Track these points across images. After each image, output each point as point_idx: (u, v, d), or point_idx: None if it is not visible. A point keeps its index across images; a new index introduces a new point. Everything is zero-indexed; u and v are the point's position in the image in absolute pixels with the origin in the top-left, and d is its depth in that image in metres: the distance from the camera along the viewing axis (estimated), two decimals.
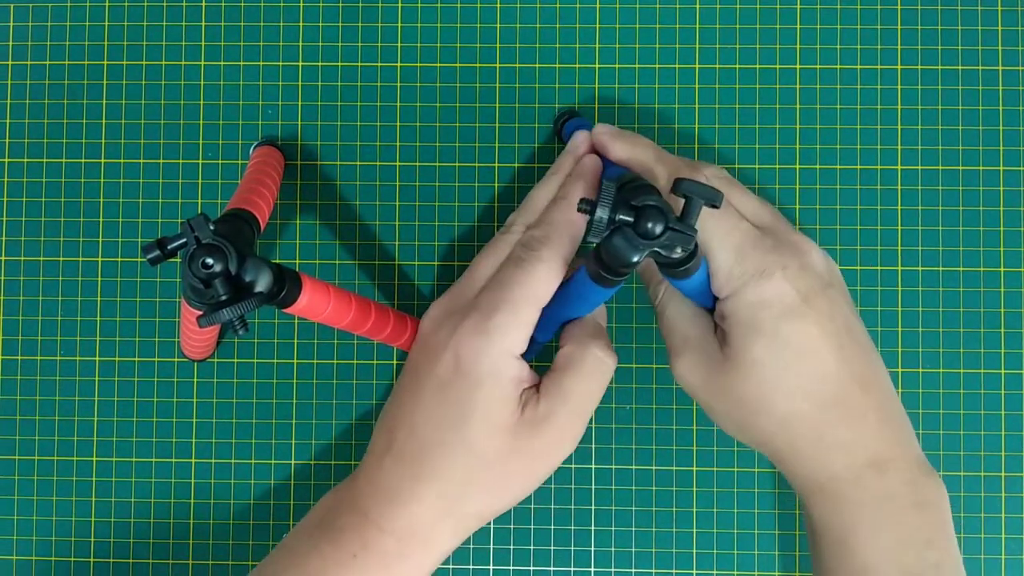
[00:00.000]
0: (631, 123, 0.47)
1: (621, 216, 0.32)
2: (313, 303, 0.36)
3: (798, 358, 0.35)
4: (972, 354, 0.46)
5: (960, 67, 0.47)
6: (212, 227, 0.32)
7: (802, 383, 0.35)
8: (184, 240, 0.32)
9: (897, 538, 0.35)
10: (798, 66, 0.47)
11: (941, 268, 0.46)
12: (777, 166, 0.46)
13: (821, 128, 0.47)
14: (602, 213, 0.32)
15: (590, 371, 0.37)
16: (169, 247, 0.32)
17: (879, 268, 0.46)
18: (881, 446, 0.35)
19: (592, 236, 0.33)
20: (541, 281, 0.37)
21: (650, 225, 0.32)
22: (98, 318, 0.47)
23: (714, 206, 0.32)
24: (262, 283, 0.33)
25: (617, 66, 0.47)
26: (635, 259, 0.33)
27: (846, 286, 0.38)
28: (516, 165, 0.47)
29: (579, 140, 0.42)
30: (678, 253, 0.33)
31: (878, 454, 0.35)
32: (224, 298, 0.32)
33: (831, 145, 0.47)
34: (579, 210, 0.32)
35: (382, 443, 0.38)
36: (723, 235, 0.36)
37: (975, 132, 0.46)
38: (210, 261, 0.32)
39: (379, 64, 0.47)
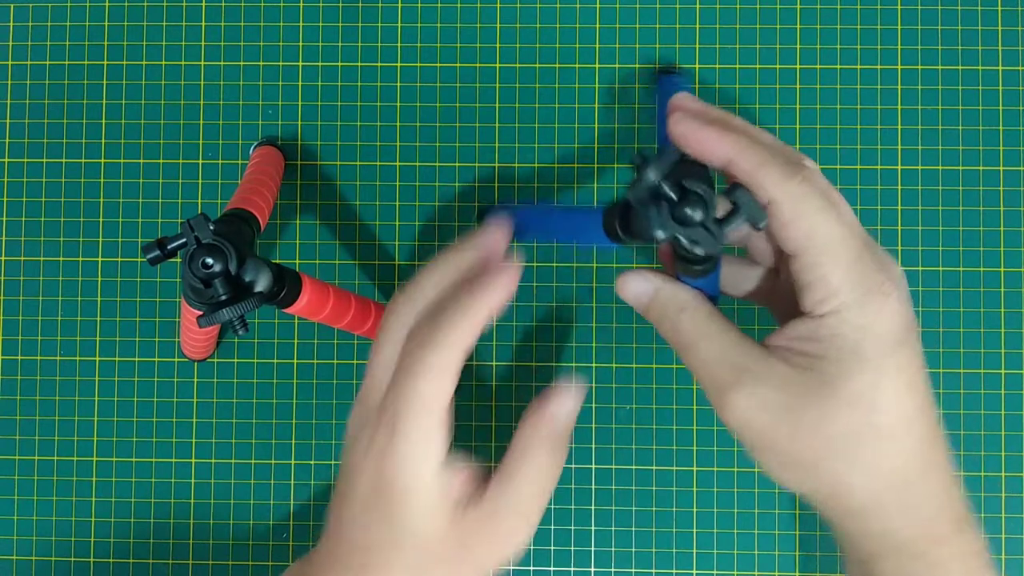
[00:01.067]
0: (631, 123, 0.47)
1: (666, 189, 0.30)
2: (313, 303, 0.36)
3: (898, 396, 0.30)
4: (972, 354, 0.46)
5: (960, 67, 0.47)
6: (212, 227, 0.32)
7: (892, 425, 0.30)
8: (184, 240, 0.32)
9: None
10: (798, 66, 0.47)
11: (941, 268, 0.46)
12: None
13: (821, 128, 0.47)
14: (653, 175, 0.30)
15: (536, 475, 0.33)
16: (169, 247, 0.32)
17: None
18: (960, 505, 0.32)
19: (634, 194, 0.30)
20: (434, 390, 0.31)
21: (689, 212, 0.30)
22: (98, 318, 0.47)
23: (755, 227, 0.30)
24: (262, 283, 0.33)
25: (617, 66, 0.47)
26: (659, 236, 0.30)
27: None
28: (516, 165, 0.47)
29: (492, 236, 0.35)
30: (699, 251, 0.31)
31: (959, 514, 0.32)
32: (224, 298, 0.32)
33: (831, 145, 0.47)
34: (631, 161, 0.30)
35: (330, 543, 0.34)
36: (838, 243, 0.30)
37: (975, 132, 0.46)
38: (210, 261, 0.32)
39: (379, 64, 0.47)
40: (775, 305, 0.35)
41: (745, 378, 0.31)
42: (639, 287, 0.33)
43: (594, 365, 0.46)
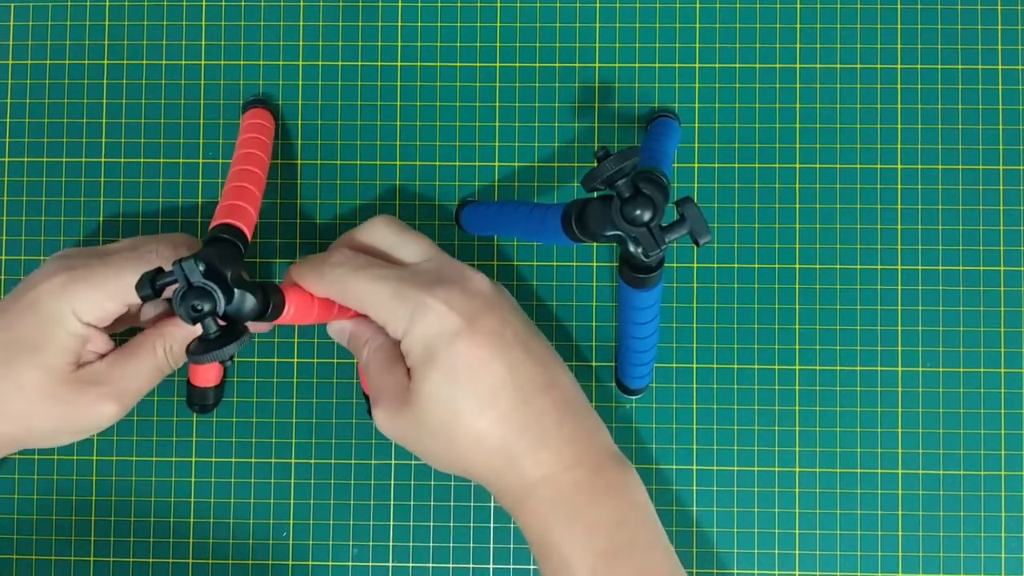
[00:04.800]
0: (631, 122, 0.47)
1: (620, 183, 0.32)
2: (299, 313, 0.38)
3: (471, 375, 0.36)
4: (972, 353, 0.46)
5: (960, 67, 0.47)
6: (201, 268, 0.34)
7: (480, 398, 0.36)
8: (175, 279, 0.34)
9: (586, 524, 0.36)
10: (798, 66, 0.47)
11: (941, 267, 0.46)
12: (777, 166, 0.47)
13: (821, 128, 0.47)
14: (611, 165, 0.32)
15: (143, 369, 0.40)
16: (159, 284, 0.34)
17: (879, 268, 0.46)
18: (564, 443, 0.37)
19: (587, 181, 0.33)
20: (131, 273, 0.38)
21: (638, 212, 0.33)
22: None
23: (696, 242, 0.33)
24: (249, 309, 0.35)
25: (617, 66, 0.47)
26: (605, 232, 0.34)
27: (517, 304, 0.40)
28: (516, 165, 0.47)
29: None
30: (639, 254, 0.33)
31: (562, 451, 0.37)
32: (213, 334, 0.34)
33: (831, 145, 0.47)
34: (595, 154, 0.33)
35: None
36: (375, 287, 0.37)
37: (975, 132, 0.47)
38: (199, 304, 0.34)
39: (379, 64, 0.47)
40: None
41: (380, 397, 0.38)
42: (339, 327, 0.42)
43: (594, 364, 0.46)
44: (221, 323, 0.35)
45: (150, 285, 0.34)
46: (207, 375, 0.45)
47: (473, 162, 0.47)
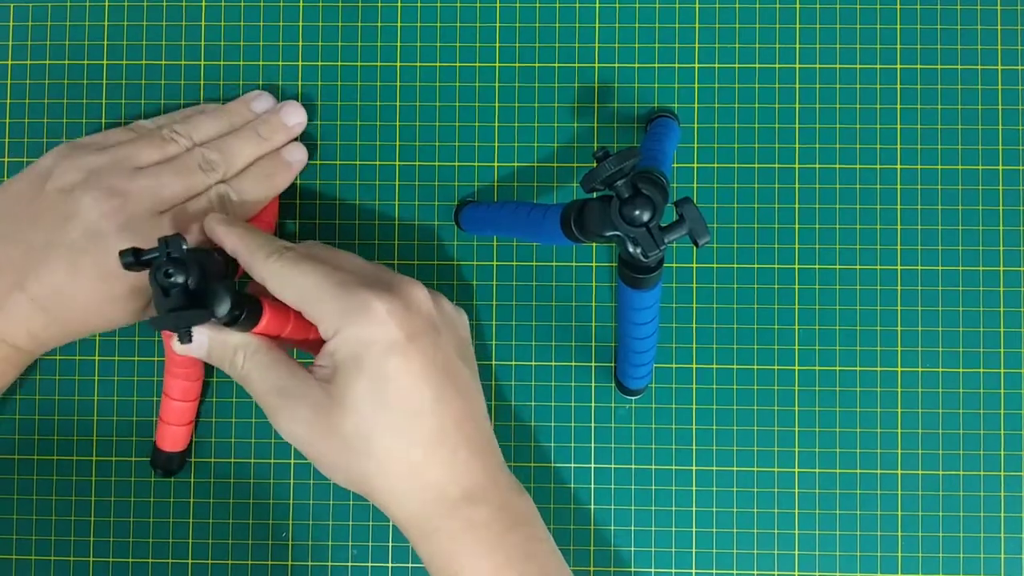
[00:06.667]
0: (631, 122, 0.47)
1: (619, 184, 0.32)
2: (272, 327, 0.38)
3: (397, 395, 0.35)
4: (972, 354, 0.46)
5: (960, 67, 0.47)
6: (185, 248, 0.35)
7: (399, 420, 0.35)
8: (157, 253, 0.35)
9: (496, 562, 0.36)
10: (798, 66, 0.47)
11: (941, 268, 0.46)
12: (777, 165, 0.47)
13: (821, 128, 0.47)
14: (610, 166, 0.32)
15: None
16: (143, 257, 0.35)
17: (879, 268, 0.46)
18: (471, 479, 0.36)
19: (586, 182, 0.33)
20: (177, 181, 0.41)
21: (637, 212, 0.33)
22: None
23: (696, 243, 0.33)
24: (221, 307, 0.35)
25: (617, 66, 0.47)
26: (604, 233, 0.34)
27: (456, 325, 0.39)
28: (516, 165, 0.47)
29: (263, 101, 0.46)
30: (638, 254, 0.33)
31: (469, 487, 0.36)
32: (179, 306, 0.35)
33: (831, 145, 0.47)
34: (594, 155, 0.33)
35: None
36: (321, 276, 0.36)
37: (975, 132, 0.46)
38: (171, 271, 0.35)
39: (379, 64, 0.47)
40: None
41: (286, 401, 0.37)
42: (195, 341, 0.38)
43: (594, 364, 0.46)
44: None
45: (133, 255, 0.35)
46: (175, 439, 0.45)
47: (473, 162, 0.47)
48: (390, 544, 0.46)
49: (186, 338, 0.35)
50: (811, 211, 0.46)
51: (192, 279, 0.35)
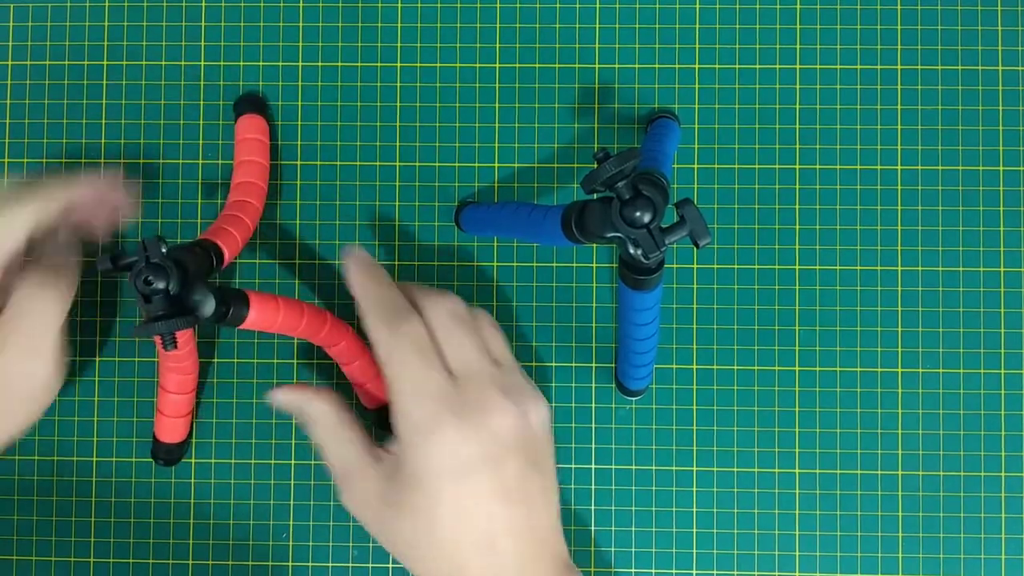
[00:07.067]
0: (631, 123, 0.47)
1: (620, 185, 0.32)
2: (261, 321, 0.38)
3: (454, 522, 0.35)
4: (972, 354, 0.46)
5: (960, 67, 0.47)
6: (165, 250, 0.35)
7: (453, 545, 0.36)
8: (136, 258, 0.35)
9: None
10: (798, 66, 0.47)
11: (941, 268, 0.46)
12: (777, 166, 0.46)
13: (821, 128, 0.47)
14: (611, 167, 0.32)
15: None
16: (121, 263, 0.35)
17: (879, 268, 0.46)
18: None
19: (586, 183, 0.33)
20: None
21: (638, 214, 0.33)
22: (98, 318, 0.47)
23: (696, 244, 0.33)
24: (206, 308, 0.35)
25: (617, 66, 0.47)
26: (605, 234, 0.34)
27: (537, 437, 0.38)
28: (516, 165, 0.47)
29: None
30: (639, 256, 0.33)
31: None
32: (160, 314, 0.35)
33: (831, 145, 0.47)
34: (594, 155, 0.33)
35: None
36: (417, 381, 0.36)
37: (975, 132, 0.46)
38: (151, 279, 0.34)
39: (379, 64, 0.47)
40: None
41: (353, 479, 0.38)
42: (288, 397, 0.40)
43: (594, 365, 0.46)
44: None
45: (110, 260, 0.35)
46: (174, 430, 0.45)
47: (473, 163, 0.47)
48: None
49: (170, 345, 0.35)
50: (812, 212, 0.46)
51: (173, 283, 0.35)
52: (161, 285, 0.34)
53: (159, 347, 0.41)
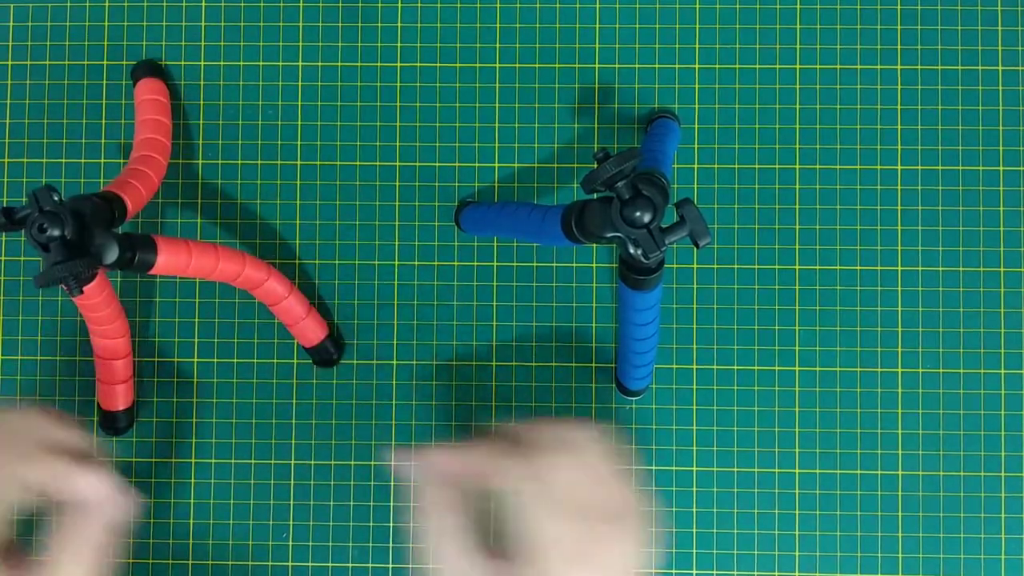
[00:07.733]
0: (631, 122, 0.47)
1: (619, 185, 0.33)
2: (171, 265, 0.38)
3: None
4: (972, 354, 0.46)
5: (960, 67, 0.47)
6: (57, 199, 0.34)
7: None
8: (29, 210, 0.35)
9: None
10: (798, 66, 0.47)
11: (941, 268, 0.46)
12: (777, 166, 0.46)
13: (821, 128, 0.47)
14: (611, 167, 0.32)
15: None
16: (16, 216, 0.35)
17: (879, 268, 0.46)
18: None
19: (586, 183, 0.33)
20: None
21: (638, 214, 0.33)
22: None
23: (696, 243, 0.33)
24: (109, 254, 0.35)
25: (617, 66, 0.47)
26: (605, 234, 0.34)
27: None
28: (516, 165, 0.47)
29: None
30: (639, 256, 0.33)
31: None
32: (60, 261, 0.34)
33: (831, 145, 0.47)
34: (594, 155, 0.33)
35: None
36: (545, 527, 0.30)
37: (975, 132, 0.46)
38: (46, 226, 0.34)
39: (379, 64, 0.47)
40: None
41: None
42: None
43: (594, 365, 0.46)
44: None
45: (4, 214, 0.35)
46: (113, 397, 0.44)
47: (473, 163, 0.47)
48: (390, 545, 0.46)
49: (76, 290, 0.35)
50: (812, 212, 0.46)
51: (70, 230, 0.34)
52: (56, 232, 0.34)
53: (81, 308, 0.39)
